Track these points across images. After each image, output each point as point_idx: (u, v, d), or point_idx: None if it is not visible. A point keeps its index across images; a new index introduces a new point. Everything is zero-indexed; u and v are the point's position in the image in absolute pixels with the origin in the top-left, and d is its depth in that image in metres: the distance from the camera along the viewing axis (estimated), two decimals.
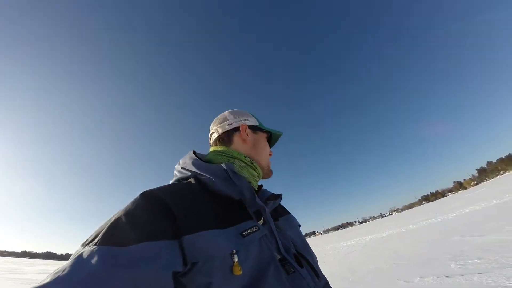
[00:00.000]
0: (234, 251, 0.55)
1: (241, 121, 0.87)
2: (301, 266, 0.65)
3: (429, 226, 12.81)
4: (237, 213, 0.64)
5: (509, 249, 4.03)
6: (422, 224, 15.55)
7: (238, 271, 0.52)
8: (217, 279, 0.51)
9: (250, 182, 0.76)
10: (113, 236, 0.47)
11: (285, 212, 0.87)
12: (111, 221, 0.51)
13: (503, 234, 5.42)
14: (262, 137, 0.89)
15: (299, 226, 0.87)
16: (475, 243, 5.44)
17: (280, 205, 0.88)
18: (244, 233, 0.59)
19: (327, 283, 0.73)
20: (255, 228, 0.62)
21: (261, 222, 0.68)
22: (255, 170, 0.79)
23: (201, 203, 0.61)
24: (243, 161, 0.77)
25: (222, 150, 0.80)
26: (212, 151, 0.81)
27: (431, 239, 8.23)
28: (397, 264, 6.12)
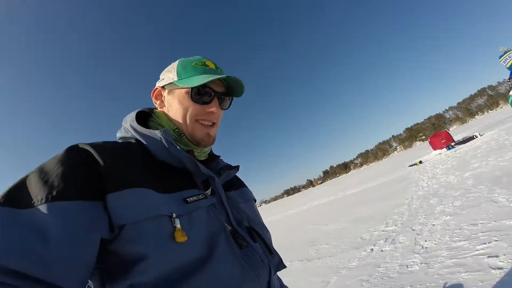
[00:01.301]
0: (175, 215, 0.48)
1: (162, 80, 0.69)
2: (254, 241, 0.60)
3: (289, 216, 15.73)
4: (180, 181, 0.56)
5: (343, 236, 5.54)
6: (285, 214, 18.93)
7: (181, 237, 0.46)
8: (153, 247, 0.44)
9: (189, 151, 0.65)
10: (17, 196, 0.41)
11: (241, 184, 0.79)
12: (20, 179, 0.44)
13: (338, 223, 7.38)
14: (180, 95, 0.64)
15: (255, 200, 0.80)
16: (322, 231, 7.13)
17: (236, 177, 0.80)
18: (188, 199, 0.52)
19: (280, 260, 0.68)
20: (201, 196, 0.55)
21: (209, 192, 0.61)
22: (189, 141, 0.65)
23: (139, 164, 0.53)
24: (174, 132, 0.64)
25: (155, 115, 0.68)
26: (153, 112, 0.70)
27: (292, 227, 10.10)
28: None
